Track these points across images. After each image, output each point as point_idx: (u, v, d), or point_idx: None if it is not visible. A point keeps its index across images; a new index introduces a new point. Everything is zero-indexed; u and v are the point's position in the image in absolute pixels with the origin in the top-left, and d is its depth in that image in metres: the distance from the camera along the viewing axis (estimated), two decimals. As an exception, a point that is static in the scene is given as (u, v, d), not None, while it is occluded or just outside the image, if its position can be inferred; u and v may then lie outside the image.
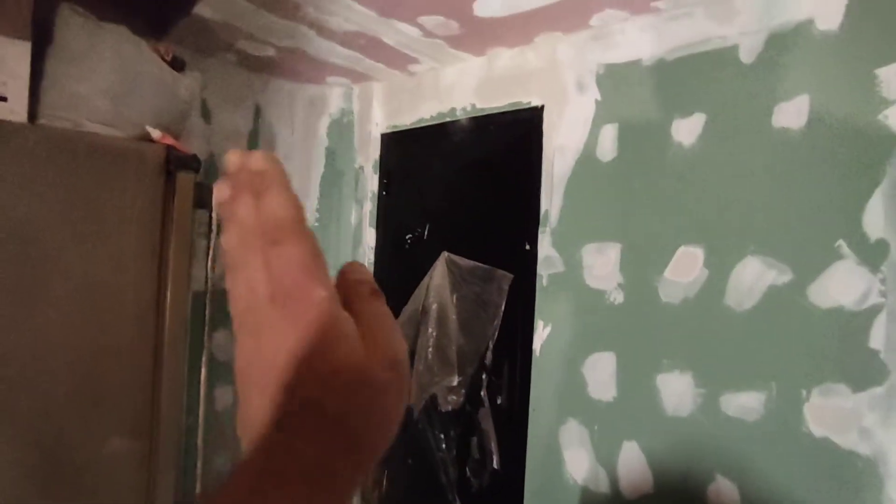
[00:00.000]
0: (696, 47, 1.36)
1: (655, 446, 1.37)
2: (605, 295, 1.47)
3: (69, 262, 0.97)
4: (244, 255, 0.30)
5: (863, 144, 1.11)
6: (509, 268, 1.69)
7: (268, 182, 0.30)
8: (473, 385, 1.73)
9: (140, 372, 1.02)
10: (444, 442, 1.80)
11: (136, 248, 1.01)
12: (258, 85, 2.05)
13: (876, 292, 1.08)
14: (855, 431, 1.09)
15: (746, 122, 1.27)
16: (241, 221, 0.30)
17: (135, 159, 0.99)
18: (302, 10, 1.50)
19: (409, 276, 1.90)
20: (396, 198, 2.07)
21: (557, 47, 1.62)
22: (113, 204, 0.99)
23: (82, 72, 0.98)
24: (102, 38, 1.01)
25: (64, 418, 0.96)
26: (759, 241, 1.24)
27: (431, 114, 1.94)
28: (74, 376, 0.97)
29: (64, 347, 0.97)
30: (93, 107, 0.99)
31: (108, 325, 0.99)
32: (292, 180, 0.34)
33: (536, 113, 1.66)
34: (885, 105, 1.09)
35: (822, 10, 1.17)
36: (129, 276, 1.00)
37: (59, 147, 0.93)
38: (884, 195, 1.08)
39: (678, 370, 1.33)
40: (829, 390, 1.12)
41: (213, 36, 1.71)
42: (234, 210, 0.31)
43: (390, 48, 1.75)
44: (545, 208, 1.61)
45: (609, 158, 1.50)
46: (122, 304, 1.00)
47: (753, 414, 1.22)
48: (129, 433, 1.00)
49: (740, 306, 1.25)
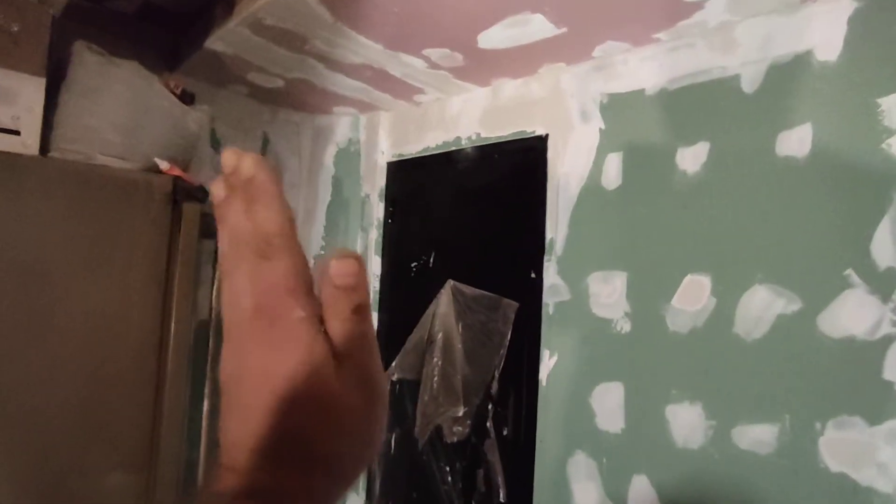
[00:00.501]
0: (698, 77, 1.37)
1: (666, 480, 1.33)
2: (612, 324, 1.46)
3: (76, 293, 0.98)
4: (234, 263, 0.30)
5: (867, 173, 1.11)
6: (515, 296, 1.68)
7: (258, 191, 0.29)
8: (479, 416, 1.71)
9: (141, 404, 1.01)
10: (450, 474, 1.76)
11: (142, 278, 1.01)
12: (267, 115, 2.09)
13: (888, 322, 1.06)
14: (873, 467, 1.05)
15: (750, 150, 1.27)
16: (232, 227, 0.30)
17: (143, 190, 1.01)
18: (310, 44, 1.54)
19: (414, 304, 1.90)
20: (402, 226, 2.08)
21: (561, 78, 1.64)
22: (120, 234, 1.00)
23: (95, 106, 1.01)
24: (115, 74, 1.04)
25: (64, 451, 0.95)
26: (766, 269, 1.23)
27: (437, 143, 1.96)
28: (75, 408, 0.96)
29: (66, 378, 0.96)
30: (104, 140, 1.02)
31: (110, 357, 0.99)
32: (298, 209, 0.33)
33: (541, 142, 1.67)
34: (888, 134, 1.09)
35: (821, 41, 1.18)
36: (133, 306, 1.00)
37: (68, 179, 0.95)
38: (891, 223, 1.07)
39: (688, 401, 1.31)
40: (844, 423, 1.09)
41: (224, 68, 1.76)
42: (226, 213, 0.30)
43: (396, 79, 1.79)
44: (550, 236, 1.61)
45: (614, 187, 1.50)
46: (125, 336, 1.00)
47: (766, 447, 1.18)
48: (128, 467, 0.99)
49: (749, 336, 1.23)
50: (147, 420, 1.01)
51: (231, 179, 0.30)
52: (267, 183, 0.29)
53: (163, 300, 1.02)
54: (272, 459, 0.27)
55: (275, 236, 0.29)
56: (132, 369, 1.00)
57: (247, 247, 0.29)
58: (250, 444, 0.28)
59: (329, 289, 0.30)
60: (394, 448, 1.96)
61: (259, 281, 0.29)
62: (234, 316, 0.30)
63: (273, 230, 0.29)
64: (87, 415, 0.97)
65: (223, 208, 0.30)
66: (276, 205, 0.29)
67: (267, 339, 0.28)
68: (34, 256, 0.94)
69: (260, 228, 0.29)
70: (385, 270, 2.09)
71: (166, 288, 1.02)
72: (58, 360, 0.96)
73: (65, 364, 0.97)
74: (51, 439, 0.94)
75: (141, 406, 1.00)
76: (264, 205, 0.29)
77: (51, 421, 0.95)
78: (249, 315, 0.29)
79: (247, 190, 0.29)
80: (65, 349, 0.97)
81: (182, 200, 1.05)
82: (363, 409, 0.30)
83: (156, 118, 1.07)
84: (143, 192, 1.01)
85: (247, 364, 0.29)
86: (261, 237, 0.29)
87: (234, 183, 0.30)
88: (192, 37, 1.69)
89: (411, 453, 1.86)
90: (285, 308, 0.29)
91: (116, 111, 1.01)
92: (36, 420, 0.95)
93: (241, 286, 0.29)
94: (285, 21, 1.42)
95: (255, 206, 0.29)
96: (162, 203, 1.02)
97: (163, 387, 1.01)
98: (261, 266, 0.29)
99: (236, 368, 0.30)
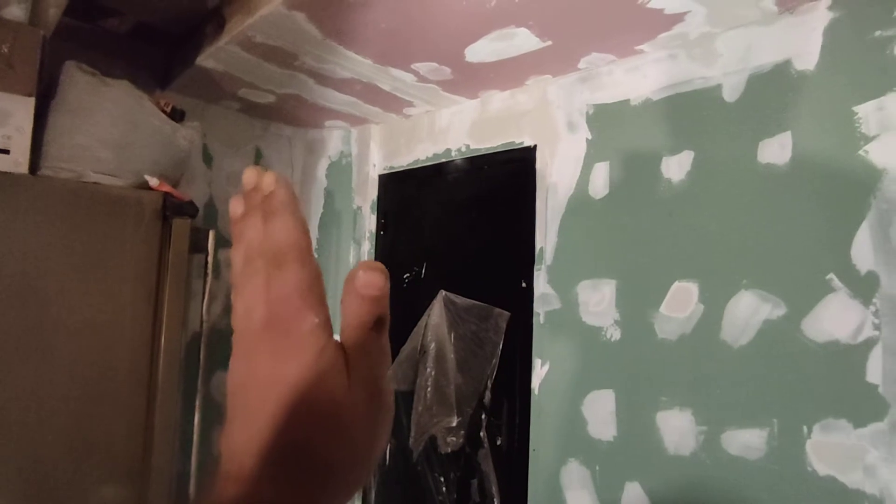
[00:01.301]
0: (681, 87, 1.40)
1: (658, 487, 1.33)
2: (602, 332, 1.47)
3: (67, 309, 0.99)
4: (248, 275, 0.30)
5: (847, 179, 1.13)
6: (506, 306, 1.69)
7: (277, 205, 0.30)
8: (472, 425, 1.71)
9: (133, 417, 1.01)
10: (445, 485, 1.76)
11: (133, 292, 1.02)
12: (259, 130, 2.11)
13: (870, 325, 1.07)
14: (860, 469, 1.06)
15: (733, 158, 1.30)
16: (249, 242, 0.31)
17: (133, 207, 1.02)
18: (300, 60, 1.56)
19: (407, 315, 1.90)
20: (394, 237, 2.09)
21: (548, 89, 1.67)
22: (111, 250, 1.01)
23: (86, 124, 1.02)
24: (105, 93, 1.05)
25: (56, 464, 0.96)
26: (751, 274, 1.24)
27: (427, 155, 1.98)
28: (67, 421, 0.97)
29: (58, 392, 0.97)
30: (95, 157, 1.03)
31: (102, 371, 0.99)
32: None
33: (529, 153, 1.70)
34: (865, 140, 1.11)
35: (799, 51, 1.21)
36: (125, 320, 1.01)
37: (59, 197, 0.96)
38: (871, 228, 1.09)
39: (678, 407, 1.32)
40: (830, 426, 1.10)
41: (215, 85, 1.78)
42: (243, 229, 0.31)
43: (386, 93, 1.81)
44: (540, 246, 1.63)
45: (601, 196, 1.52)
46: (117, 350, 1.00)
47: (756, 452, 1.19)
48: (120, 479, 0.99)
49: (737, 341, 1.25)
50: (139, 433, 1.01)
51: (250, 196, 0.31)
52: (285, 197, 0.31)
53: (153, 314, 1.03)
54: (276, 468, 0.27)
55: (291, 247, 0.30)
56: (124, 383, 1.00)
57: (261, 258, 0.30)
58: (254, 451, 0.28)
59: (353, 299, 0.31)
60: (389, 459, 1.96)
61: (273, 291, 0.29)
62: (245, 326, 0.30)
63: (290, 241, 0.30)
64: (79, 428, 0.98)
65: (240, 225, 0.31)
66: (294, 217, 0.30)
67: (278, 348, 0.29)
68: (26, 273, 0.95)
69: (276, 240, 0.30)
70: (378, 282, 2.10)
71: (157, 302, 1.03)
72: (50, 375, 0.97)
73: (57, 378, 0.98)
74: (43, 452, 0.95)
75: (133, 419, 1.01)
76: (282, 217, 0.30)
77: (43, 434, 0.96)
78: (261, 325, 0.29)
79: (265, 205, 0.31)
80: (57, 364, 0.98)
81: (172, 216, 1.06)
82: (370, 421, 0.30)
83: (146, 135, 1.09)
84: (134, 209, 1.02)
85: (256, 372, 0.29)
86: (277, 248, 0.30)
87: (252, 199, 0.31)
88: (184, 55, 1.72)
89: (406, 464, 1.86)
90: (298, 317, 0.29)
91: (107, 129, 1.03)
92: (28, 433, 0.95)
93: (253, 298, 0.30)
94: (275, 38, 1.44)
95: (272, 220, 0.30)
96: (152, 219, 1.03)
97: (154, 400, 1.02)
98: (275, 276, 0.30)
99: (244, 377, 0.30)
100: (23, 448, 0.94)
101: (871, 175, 1.10)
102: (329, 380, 0.29)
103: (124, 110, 1.06)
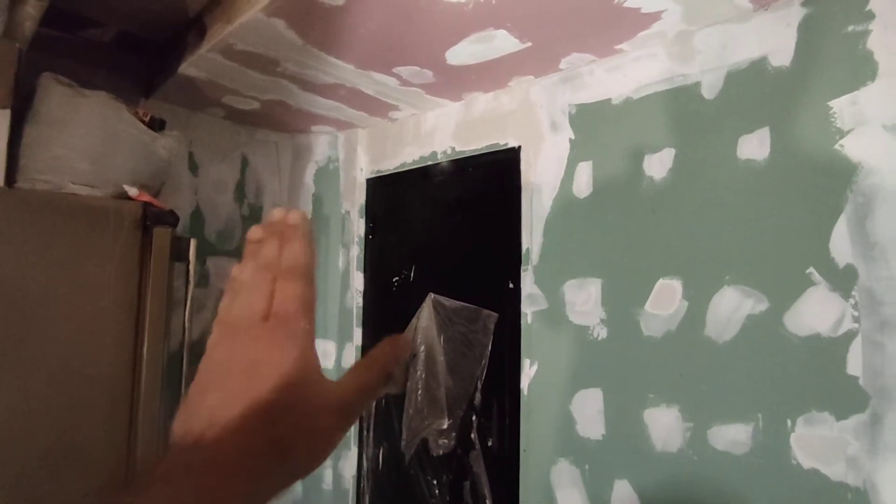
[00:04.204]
0: (661, 85, 1.41)
1: (647, 485, 1.34)
2: (589, 330, 1.47)
3: (47, 322, 0.98)
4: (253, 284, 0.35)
5: (824, 173, 1.14)
6: (494, 307, 1.70)
7: (296, 234, 0.37)
8: (463, 427, 1.71)
9: (115, 429, 1.01)
10: (437, 488, 1.76)
11: (114, 303, 1.02)
12: (245, 136, 2.11)
13: (849, 318, 1.08)
14: (842, 461, 1.07)
15: (714, 154, 1.30)
16: (263, 258, 0.36)
17: (112, 217, 1.02)
18: (282, 66, 1.57)
19: (397, 318, 1.91)
20: (382, 241, 2.09)
21: (530, 90, 1.68)
22: (91, 262, 1.01)
23: (63, 136, 1.02)
24: (82, 104, 1.05)
25: (37, 478, 0.95)
26: (733, 270, 1.25)
27: (413, 158, 1.99)
28: (49, 435, 0.97)
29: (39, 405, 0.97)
30: (73, 169, 1.03)
31: (84, 383, 0.99)
32: None
33: (514, 153, 1.70)
34: (840, 135, 1.12)
35: (774, 48, 1.22)
36: (106, 332, 1.01)
37: (36, 209, 0.96)
38: (848, 221, 1.09)
39: (664, 404, 1.32)
40: (813, 419, 1.11)
41: (199, 93, 1.78)
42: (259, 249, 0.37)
43: (370, 97, 1.82)
44: (526, 246, 1.63)
45: (585, 195, 1.53)
46: (99, 361, 1.00)
47: (742, 447, 1.20)
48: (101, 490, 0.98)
49: (721, 337, 1.25)
50: (122, 444, 1.01)
51: (273, 225, 0.38)
52: (304, 228, 0.38)
53: (135, 324, 1.03)
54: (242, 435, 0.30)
55: (301, 267, 0.36)
56: (106, 394, 1.00)
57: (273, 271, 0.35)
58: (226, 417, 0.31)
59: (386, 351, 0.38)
60: (381, 463, 1.96)
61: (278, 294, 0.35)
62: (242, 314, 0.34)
63: (300, 263, 0.36)
64: (61, 440, 0.97)
65: (256, 245, 0.37)
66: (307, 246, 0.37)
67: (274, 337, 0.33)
68: (4, 285, 0.95)
69: (290, 259, 0.36)
70: (367, 286, 2.10)
71: (139, 312, 1.03)
72: (31, 388, 0.97)
73: (38, 391, 0.97)
74: (25, 465, 0.94)
75: (115, 431, 1.01)
76: (299, 243, 0.37)
77: (25, 447, 0.95)
78: (260, 316, 0.34)
79: (285, 232, 0.37)
80: (38, 376, 0.97)
81: (153, 225, 1.06)
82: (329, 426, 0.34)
83: (124, 146, 1.09)
84: (113, 219, 1.02)
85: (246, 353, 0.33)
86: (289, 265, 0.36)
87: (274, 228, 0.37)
88: (167, 63, 1.72)
89: (399, 468, 1.86)
90: (295, 318, 0.34)
91: (84, 140, 1.03)
92: (10, 446, 0.95)
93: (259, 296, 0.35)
94: (256, 45, 1.44)
95: (289, 244, 0.36)
96: (132, 229, 1.03)
97: (137, 411, 1.02)
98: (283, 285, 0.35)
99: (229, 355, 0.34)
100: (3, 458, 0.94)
101: (847, 169, 1.11)
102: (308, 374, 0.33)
103: (102, 121, 1.06)
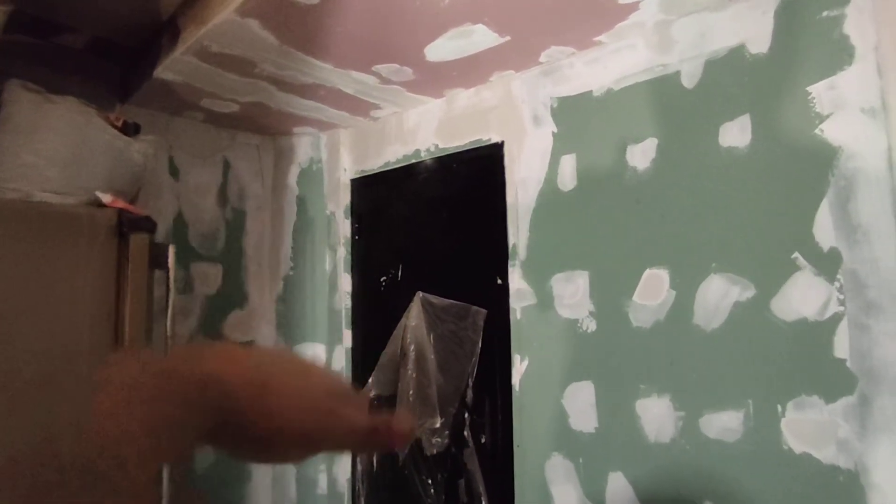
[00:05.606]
0: (641, 76, 1.40)
1: (641, 475, 1.34)
2: (578, 324, 1.47)
3: (22, 333, 0.96)
4: None
5: (805, 158, 1.14)
6: (483, 303, 1.69)
7: None
8: (456, 425, 1.70)
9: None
10: (432, 487, 1.75)
11: (91, 312, 1.00)
12: (226, 139, 2.08)
13: (835, 301, 1.08)
14: (833, 444, 1.07)
15: (695, 142, 1.30)
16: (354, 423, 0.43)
17: (86, 225, 0.99)
18: (258, 68, 1.54)
19: (386, 318, 1.89)
20: (369, 241, 2.07)
21: (512, 84, 1.67)
22: (66, 271, 0.98)
23: (32, 143, 1.00)
24: (51, 111, 1.03)
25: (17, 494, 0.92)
26: (720, 258, 1.25)
27: (397, 157, 1.97)
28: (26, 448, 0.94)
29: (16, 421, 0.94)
30: (43, 176, 1.00)
31: (62, 395, 0.97)
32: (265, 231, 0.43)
33: (497, 149, 1.69)
34: (819, 119, 1.12)
35: (752, 35, 1.22)
36: (84, 341, 0.98)
37: (7, 218, 0.93)
38: (830, 205, 1.10)
39: (656, 394, 1.32)
40: (803, 403, 1.11)
41: (176, 96, 1.75)
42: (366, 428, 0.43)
43: (351, 97, 1.80)
44: (513, 242, 1.62)
45: (570, 188, 1.52)
46: (77, 371, 0.98)
47: (733, 434, 1.20)
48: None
49: (709, 325, 1.25)
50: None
51: None
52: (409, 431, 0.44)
53: (115, 332, 1.01)
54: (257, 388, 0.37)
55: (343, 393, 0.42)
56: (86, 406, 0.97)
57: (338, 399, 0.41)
58: None
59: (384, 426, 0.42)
60: (376, 465, 1.94)
61: None
62: None
63: None
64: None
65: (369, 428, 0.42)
66: None
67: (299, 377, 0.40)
68: (-23, 299, 0.93)
69: None
70: (355, 287, 2.08)
71: (117, 320, 1.01)
72: (6, 404, 0.94)
73: (14, 406, 0.95)
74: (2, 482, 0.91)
75: (98, 444, 0.98)
76: None
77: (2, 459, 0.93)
78: None
79: None
80: (13, 391, 0.95)
81: (129, 232, 1.04)
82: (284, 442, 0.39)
83: (96, 152, 1.06)
84: (87, 227, 1.00)
85: None
86: None
87: None
88: (142, 68, 1.69)
89: (393, 469, 1.84)
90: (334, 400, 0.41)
91: (54, 147, 1.00)
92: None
93: None
94: (231, 47, 1.42)
95: None
96: (107, 236, 1.01)
97: (120, 422, 0.99)
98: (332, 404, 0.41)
99: None
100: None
101: (827, 153, 1.11)
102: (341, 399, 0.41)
103: (71, 127, 1.03)
